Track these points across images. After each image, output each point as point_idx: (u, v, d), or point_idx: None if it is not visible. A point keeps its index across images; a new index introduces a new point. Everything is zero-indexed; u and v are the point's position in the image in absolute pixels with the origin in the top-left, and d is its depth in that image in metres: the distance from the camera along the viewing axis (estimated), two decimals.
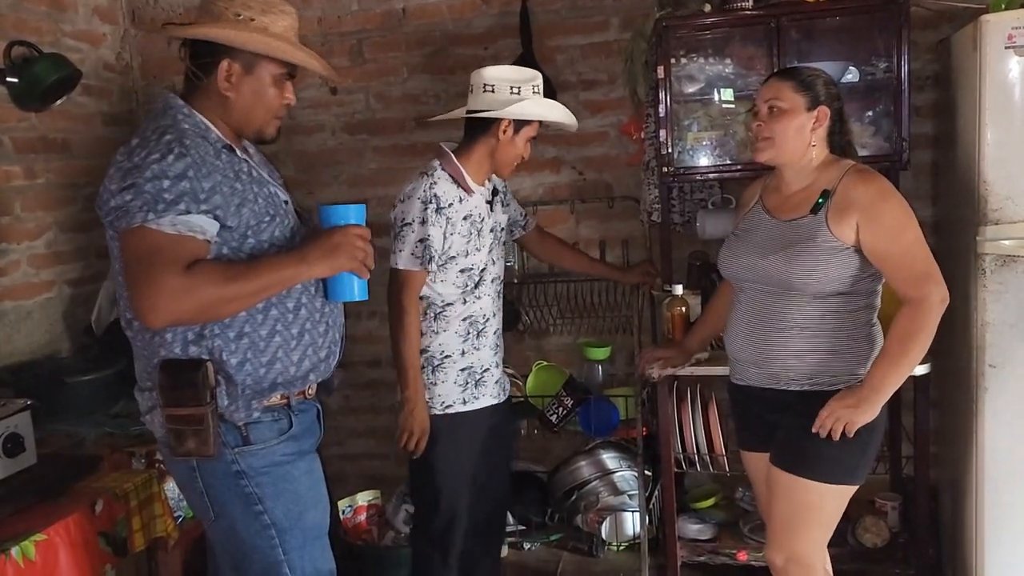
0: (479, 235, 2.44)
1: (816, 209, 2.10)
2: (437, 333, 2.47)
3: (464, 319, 2.48)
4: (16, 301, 3.04)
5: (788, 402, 2.17)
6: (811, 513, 2.15)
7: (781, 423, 2.19)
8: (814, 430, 2.08)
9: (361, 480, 3.73)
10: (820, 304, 2.10)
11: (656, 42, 2.97)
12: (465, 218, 2.41)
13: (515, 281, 3.44)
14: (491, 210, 2.51)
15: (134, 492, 2.28)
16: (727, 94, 3.00)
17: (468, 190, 2.42)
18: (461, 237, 2.40)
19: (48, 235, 3.20)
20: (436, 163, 2.43)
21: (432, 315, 2.47)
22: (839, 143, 2.19)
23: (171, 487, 2.40)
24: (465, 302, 2.46)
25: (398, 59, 3.60)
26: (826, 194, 2.10)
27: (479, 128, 2.42)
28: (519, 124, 2.40)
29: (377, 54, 3.62)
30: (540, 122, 2.46)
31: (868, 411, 2.05)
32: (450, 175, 2.41)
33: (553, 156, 3.55)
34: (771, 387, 2.20)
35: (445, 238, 2.38)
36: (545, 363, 3.48)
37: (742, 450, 2.41)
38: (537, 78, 2.44)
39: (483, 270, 2.48)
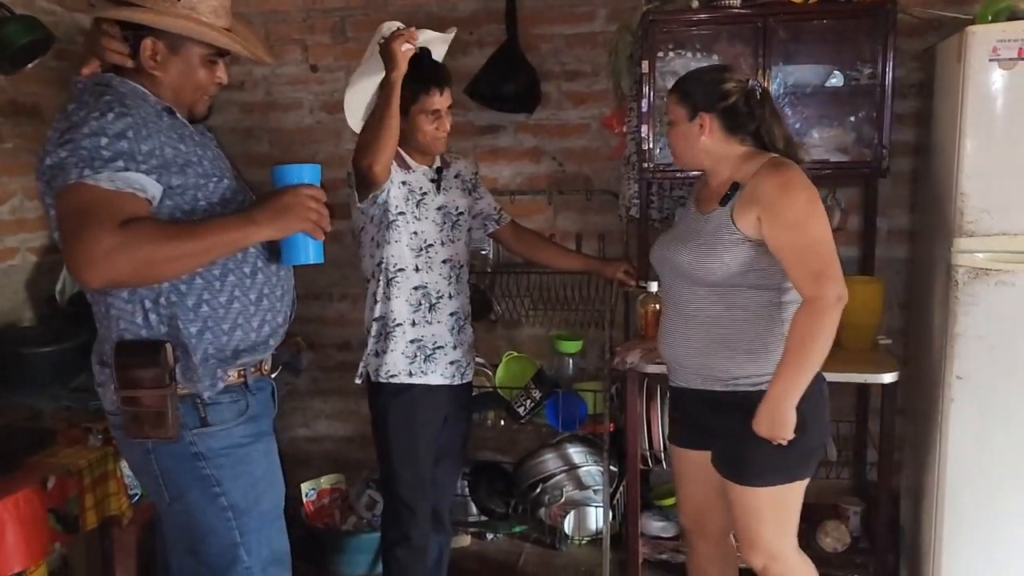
0: (418, 206, 2.48)
1: (724, 201, 2.09)
2: (389, 299, 2.49)
3: (416, 288, 2.49)
4: None
5: (717, 402, 2.16)
6: (767, 515, 2.16)
7: (714, 424, 2.18)
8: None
9: (326, 463, 3.69)
10: (724, 297, 2.09)
11: (642, 36, 2.94)
12: (403, 183, 2.46)
13: (488, 270, 3.41)
14: (439, 190, 2.54)
15: (88, 469, 2.23)
16: None
17: (406, 166, 2.49)
18: (397, 190, 2.44)
19: (13, 201, 3.12)
20: None
21: (385, 280, 2.49)
22: (753, 134, 2.12)
23: (127, 464, 2.35)
24: (418, 269, 2.49)
25: None
26: (736, 187, 2.08)
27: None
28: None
29: (360, 32, 3.56)
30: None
31: (785, 421, 2.00)
32: None
33: (533, 146, 3.51)
34: (699, 388, 2.19)
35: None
36: (515, 354, 3.45)
37: (673, 445, 2.39)
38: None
39: (430, 245, 2.51)
